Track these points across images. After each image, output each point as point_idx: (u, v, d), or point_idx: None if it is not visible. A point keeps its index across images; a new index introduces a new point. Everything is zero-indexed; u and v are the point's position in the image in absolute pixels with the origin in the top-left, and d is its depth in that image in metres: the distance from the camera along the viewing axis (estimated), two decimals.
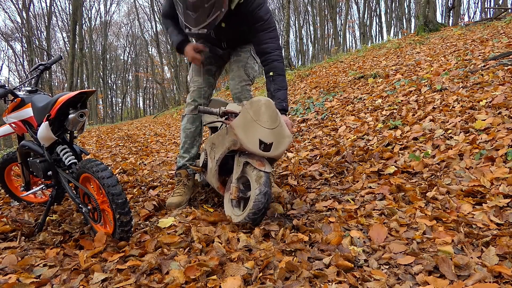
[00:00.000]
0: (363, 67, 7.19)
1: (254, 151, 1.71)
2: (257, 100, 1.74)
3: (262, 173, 1.70)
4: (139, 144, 6.13)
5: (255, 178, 1.71)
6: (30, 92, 2.02)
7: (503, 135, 2.23)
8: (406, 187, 2.00)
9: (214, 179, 1.96)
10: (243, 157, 1.81)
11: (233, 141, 1.75)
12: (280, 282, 1.25)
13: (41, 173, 1.83)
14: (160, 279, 1.29)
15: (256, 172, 1.71)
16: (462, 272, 1.23)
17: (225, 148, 1.81)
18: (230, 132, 1.75)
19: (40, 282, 1.32)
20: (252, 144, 1.70)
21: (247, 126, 1.71)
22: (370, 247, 1.48)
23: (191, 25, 1.77)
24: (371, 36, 29.02)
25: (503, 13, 9.85)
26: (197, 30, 1.77)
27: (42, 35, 27.41)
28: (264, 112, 1.72)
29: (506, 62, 3.82)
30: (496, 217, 1.59)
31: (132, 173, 3.35)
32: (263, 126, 1.71)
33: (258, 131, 1.70)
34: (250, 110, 1.73)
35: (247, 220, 1.71)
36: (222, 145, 1.85)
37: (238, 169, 1.82)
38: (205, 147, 2.17)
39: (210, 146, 2.04)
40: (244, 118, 1.72)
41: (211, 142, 2.03)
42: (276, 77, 1.96)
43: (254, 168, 1.72)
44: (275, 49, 1.96)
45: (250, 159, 1.76)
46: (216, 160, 1.90)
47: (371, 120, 3.49)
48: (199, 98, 2.26)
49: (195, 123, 2.30)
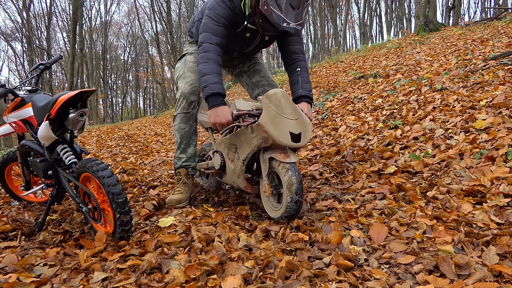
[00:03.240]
0: (363, 67, 7.18)
1: (287, 144, 1.73)
2: (274, 93, 1.75)
3: (288, 165, 1.72)
4: (139, 144, 6.13)
5: (283, 173, 1.72)
6: (30, 91, 2.02)
7: (503, 134, 2.23)
8: (406, 186, 2.00)
9: (241, 178, 1.95)
10: (267, 153, 1.81)
11: (263, 139, 1.75)
12: (280, 281, 1.25)
13: (41, 173, 1.83)
14: (160, 278, 1.29)
15: (281, 166, 1.73)
16: (462, 272, 1.23)
17: (254, 146, 1.81)
18: (258, 130, 1.75)
19: (40, 281, 1.31)
20: (284, 138, 1.71)
21: (275, 121, 1.72)
22: (370, 246, 1.48)
23: (291, 20, 1.81)
24: (371, 36, 29.01)
25: (503, 13, 9.85)
26: (294, 25, 1.82)
27: (42, 35, 27.44)
28: (285, 104, 1.74)
29: (507, 62, 3.82)
30: (497, 216, 1.59)
31: (132, 173, 3.35)
32: (289, 118, 1.74)
33: (287, 124, 1.73)
34: (271, 105, 1.74)
35: (283, 219, 1.77)
36: (249, 144, 1.83)
37: (265, 165, 1.83)
38: (216, 149, 2.13)
39: (227, 148, 2.02)
40: (269, 114, 1.73)
41: (228, 143, 2.01)
42: (303, 72, 2.10)
43: (280, 162, 1.74)
44: (302, 52, 2.14)
45: (274, 154, 1.76)
46: (243, 160, 1.88)
47: (371, 120, 3.49)
48: (192, 95, 2.16)
49: (189, 122, 2.21)
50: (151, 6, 24.41)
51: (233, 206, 2.16)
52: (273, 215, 1.83)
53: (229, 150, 2.01)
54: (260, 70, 2.39)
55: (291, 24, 1.81)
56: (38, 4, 54.98)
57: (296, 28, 1.83)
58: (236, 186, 2.04)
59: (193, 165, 2.29)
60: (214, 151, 2.16)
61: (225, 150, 2.05)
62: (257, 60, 2.44)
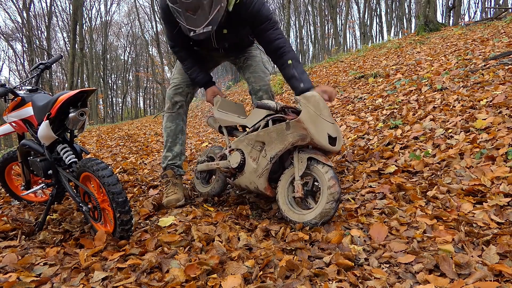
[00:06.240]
0: (363, 67, 7.18)
1: (325, 145, 1.72)
2: (312, 95, 1.76)
3: (328, 167, 1.70)
4: (139, 144, 6.13)
5: (323, 174, 1.69)
6: (30, 91, 2.02)
7: (504, 134, 2.23)
8: (407, 186, 2.00)
9: (263, 178, 1.88)
10: (305, 153, 1.78)
11: (301, 136, 1.73)
12: (280, 281, 1.25)
13: (41, 172, 1.83)
14: (161, 278, 1.29)
15: (322, 167, 1.71)
16: (462, 271, 1.23)
17: (288, 144, 1.77)
18: (297, 127, 1.73)
19: (41, 280, 1.32)
20: (323, 139, 1.71)
21: (314, 120, 1.71)
22: (370, 246, 1.48)
23: (194, 26, 1.76)
24: (371, 36, 28.99)
25: (504, 13, 9.85)
26: (202, 30, 1.76)
27: (43, 35, 27.43)
28: (323, 106, 1.75)
29: (507, 62, 3.82)
30: (497, 216, 1.59)
31: (132, 172, 3.35)
32: (327, 120, 1.74)
33: (325, 126, 1.73)
34: (309, 105, 1.73)
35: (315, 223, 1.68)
36: (282, 141, 1.79)
37: (301, 165, 1.77)
38: (236, 146, 2.05)
39: (251, 145, 1.95)
40: (308, 113, 1.72)
41: (254, 140, 1.94)
42: (296, 63, 1.96)
43: (323, 164, 1.71)
44: (286, 43, 1.99)
45: (314, 154, 1.75)
46: (271, 157, 1.83)
47: (371, 120, 3.49)
48: (176, 96, 2.29)
49: (175, 121, 2.30)
50: (151, 6, 24.47)
51: (233, 205, 2.15)
52: (296, 218, 1.75)
53: (252, 148, 1.95)
54: (251, 65, 2.31)
55: (197, 30, 1.76)
56: (38, 4, 54.96)
57: (205, 31, 1.77)
58: (253, 187, 1.95)
59: (179, 163, 2.33)
60: (232, 149, 2.09)
61: (248, 148, 1.97)
62: (251, 53, 2.34)
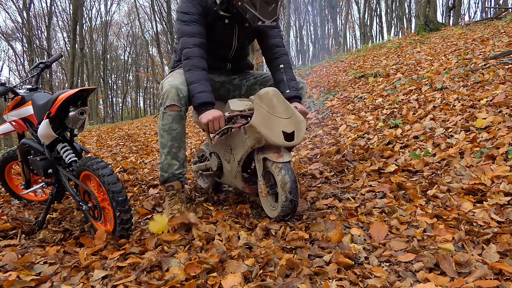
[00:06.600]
0: (363, 67, 7.18)
1: (281, 143, 1.72)
2: (265, 92, 1.73)
3: (281, 164, 1.71)
4: (139, 143, 6.13)
5: (276, 173, 1.72)
6: (30, 90, 2.02)
7: (504, 133, 2.23)
8: (407, 185, 2.00)
9: (238, 179, 1.94)
10: (260, 153, 1.81)
11: (256, 139, 1.74)
12: (280, 279, 1.25)
13: (41, 171, 1.83)
14: (160, 276, 1.29)
15: (275, 165, 1.72)
16: (462, 269, 1.23)
17: (248, 147, 1.80)
18: (251, 131, 1.74)
19: (40, 279, 1.31)
20: (277, 137, 1.70)
21: (267, 121, 1.70)
22: (370, 244, 1.48)
23: (266, 18, 1.78)
24: (371, 36, 28.95)
25: (504, 12, 9.85)
26: (269, 23, 1.79)
27: (43, 35, 27.41)
28: (277, 103, 1.73)
29: (507, 61, 3.82)
30: (497, 215, 1.59)
31: (132, 172, 3.35)
32: (281, 117, 1.72)
33: (279, 123, 1.71)
34: (262, 105, 1.72)
35: (280, 219, 1.76)
36: (243, 145, 1.82)
37: (259, 166, 1.82)
38: (213, 150, 2.12)
39: (223, 149, 2.01)
40: (261, 114, 1.71)
41: (224, 144, 2.00)
42: (287, 69, 1.99)
43: (273, 162, 1.73)
44: (282, 45, 2.01)
45: (267, 154, 1.76)
46: (238, 161, 1.88)
47: (371, 119, 3.49)
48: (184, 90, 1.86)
49: (181, 122, 1.89)
50: (151, 6, 24.41)
51: (233, 204, 2.15)
52: (271, 215, 1.83)
53: (225, 152, 2.01)
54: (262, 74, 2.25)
55: (266, 22, 1.78)
56: (38, 4, 54.97)
57: (271, 25, 1.80)
58: (234, 186, 2.04)
59: (184, 172, 1.97)
60: (211, 152, 2.16)
61: (221, 152, 2.04)
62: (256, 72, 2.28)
